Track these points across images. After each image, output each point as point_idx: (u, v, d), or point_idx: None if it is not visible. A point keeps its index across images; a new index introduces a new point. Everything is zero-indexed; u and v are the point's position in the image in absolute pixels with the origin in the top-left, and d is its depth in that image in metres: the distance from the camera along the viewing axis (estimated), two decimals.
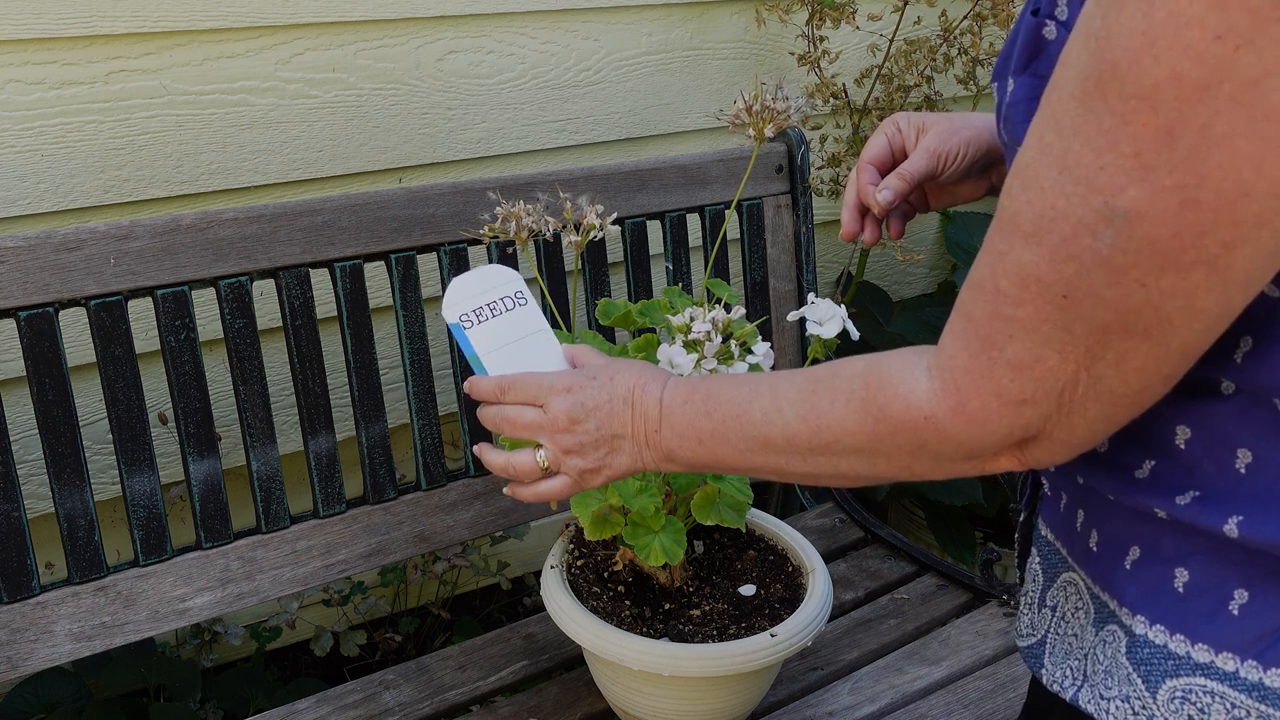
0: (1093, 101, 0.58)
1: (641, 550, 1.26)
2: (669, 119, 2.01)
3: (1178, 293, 0.59)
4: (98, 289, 1.28)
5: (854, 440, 0.77)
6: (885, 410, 0.74)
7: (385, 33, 1.70)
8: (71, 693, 1.68)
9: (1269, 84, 0.53)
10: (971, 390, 0.68)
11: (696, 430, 0.88)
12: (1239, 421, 0.67)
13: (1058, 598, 0.82)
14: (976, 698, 1.43)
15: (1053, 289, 0.62)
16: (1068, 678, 0.79)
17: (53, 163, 1.52)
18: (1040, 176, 0.62)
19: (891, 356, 0.76)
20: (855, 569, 1.71)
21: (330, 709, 1.41)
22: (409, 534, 1.51)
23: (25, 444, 1.52)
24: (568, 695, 1.43)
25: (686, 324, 1.18)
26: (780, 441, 0.82)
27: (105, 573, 1.32)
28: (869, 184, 1.02)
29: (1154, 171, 0.57)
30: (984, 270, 0.67)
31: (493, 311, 1.04)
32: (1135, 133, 0.57)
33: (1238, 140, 0.55)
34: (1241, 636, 0.68)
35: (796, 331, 1.82)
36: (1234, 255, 0.58)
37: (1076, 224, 0.60)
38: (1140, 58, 0.55)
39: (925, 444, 0.72)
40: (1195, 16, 0.54)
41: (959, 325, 0.69)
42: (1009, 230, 0.64)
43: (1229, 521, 0.67)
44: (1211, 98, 0.54)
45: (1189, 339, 0.62)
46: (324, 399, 1.43)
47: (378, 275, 1.54)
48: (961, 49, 2.05)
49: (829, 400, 0.78)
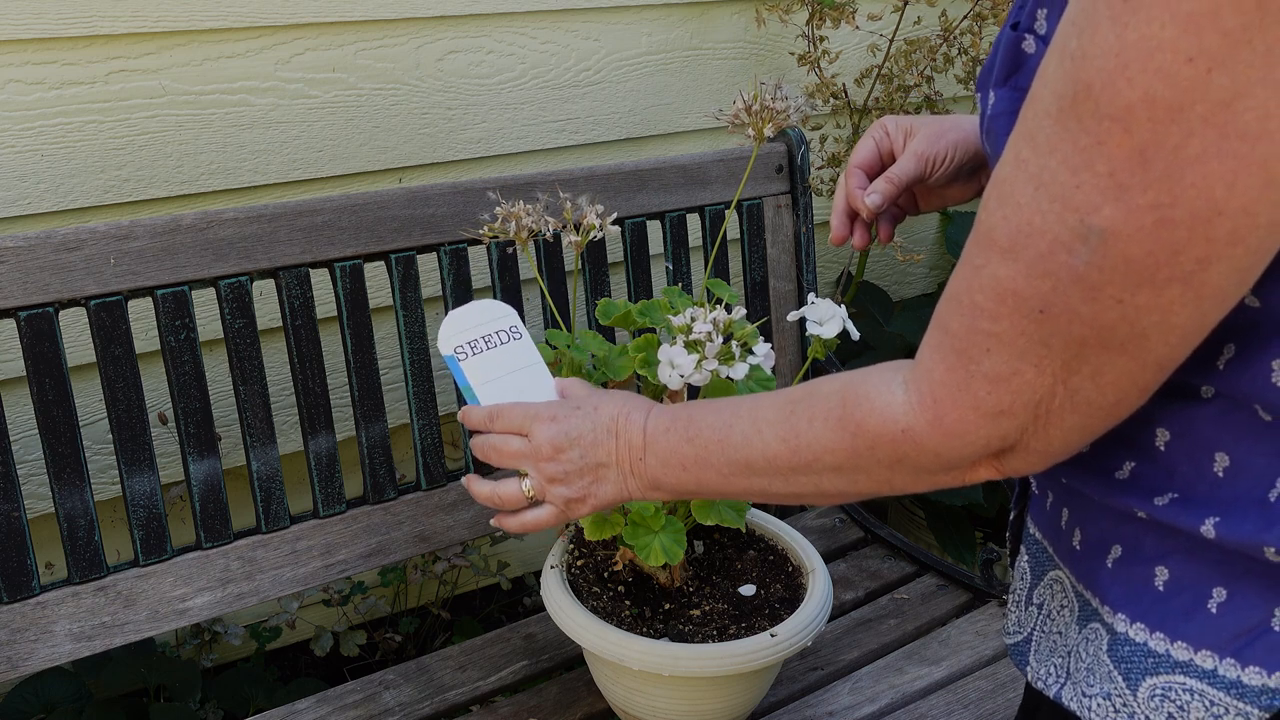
0: (1068, 120, 0.59)
1: (641, 550, 1.26)
2: (669, 119, 2.01)
3: (1154, 309, 0.60)
4: (98, 289, 1.28)
5: (833, 458, 0.77)
6: (863, 425, 0.74)
7: (385, 33, 1.70)
8: (71, 693, 1.68)
9: (1240, 105, 0.54)
10: (949, 403, 0.69)
11: (680, 457, 0.89)
12: (1217, 426, 0.68)
13: (1044, 595, 0.83)
14: (976, 698, 1.43)
15: (1029, 304, 0.63)
16: (1051, 675, 0.79)
17: (53, 163, 1.52)
18: (1017, 192, 0.62)
19: (868, 373, 0.76)
20: (855, 569, 1.71)
21: (330, 709, 1.41)
22: (409, 534, 1.51)
23: (25, 444, 1.52)
24: (568, 695, 1.43)
25: (687, 324, 1.18)
26: (761, 463, 0.82)
27: (105, 573, 1.32)
28: (857, 188, 1.03)
29: (1128, 191, 0.57)
30: (961, 284, 0.67)
31: (487, 344, 1.06)
32: (1110, 152, 0.57)
33: (1210, 160, 0.55)
34: (1220, 635, 0.69)
35: (796, 331, 1.82)
36: (1209, 272, 0.58)
37: (1052, 241, 0.61)
38: (1114, 79, 0.56)
39: (904, 457, 0.73)
40: (1167, 39, 0.54)
41: (936, 338, 0.70)
42: (986, 244, 0.65)
43: (1206, 523, 0.68)
44: (1184, 119, 0.55)
45: (1165, 353, 0.63)
46: (324, 399, 1.43)
47: (378, 275, 1.54)
48: (961, 49, 2.05)
49: (807, 420, 0.79)
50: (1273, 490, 0.66)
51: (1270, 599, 0.67)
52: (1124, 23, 0.55)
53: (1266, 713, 0.67)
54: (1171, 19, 0.54)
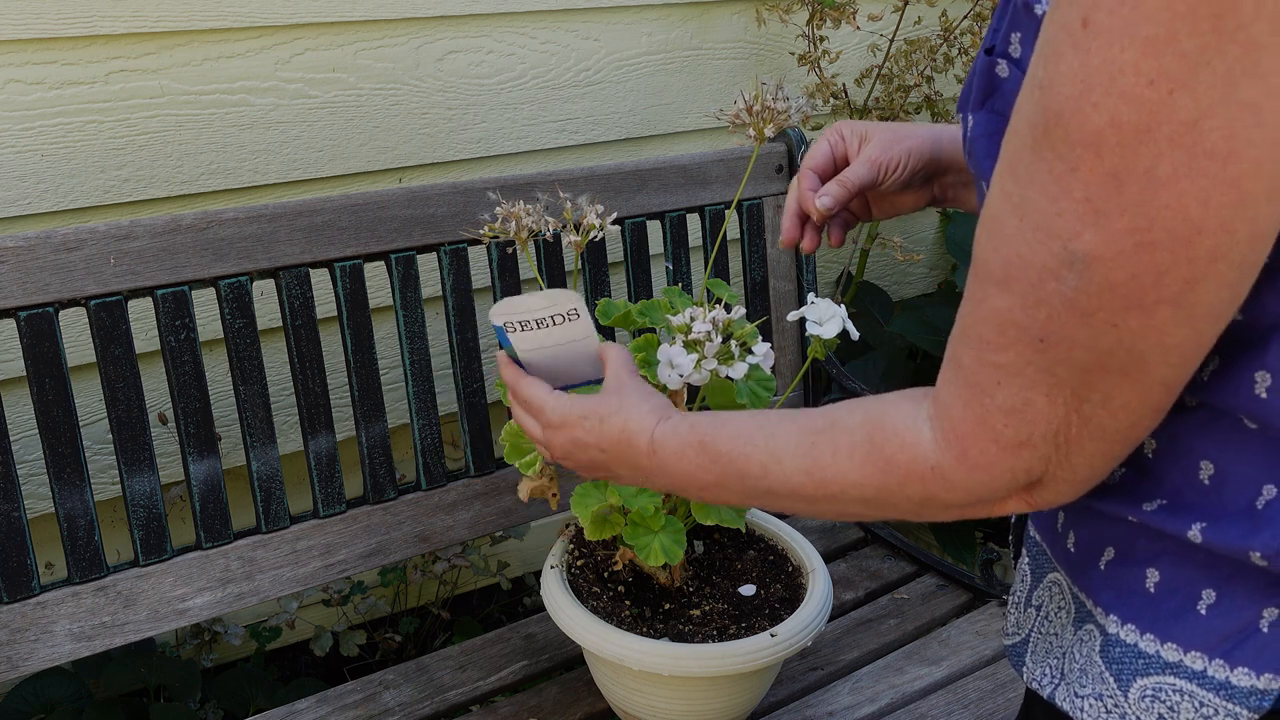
0: (1042, 150, 0.59)
1: (641, 550, 1.26)
2: (669, 119, 2.01)
3: (1147, 331, 0.60)
4: (98, 289, 1.28)
5: (860, 492, 0.77)
6: (893, 462, 0.74)
7: (385, 33, 1.70)
8: (71, 693, 1.68)
9: (1206, 124, 0.54)
10: (970, 438, 0.69)
11: (697, 482, 0.89)
12: (1200, 434, 0.68)
13: (1043, 597, 0.84)
14: (976, 698, 1.43)
15: (1029, 333, 0.63)
16: (1046, 676, 0.80)
17: (53, 163, 1.52)
18: (1004, 224, 0.63)
19: (889, 405, 0.76)
20: (855, 569, 1.71)
21: (330, 709, 1.41)
22: (409, 534, 1.51)
23: (25, 444, 1.52)
24: (568, 695, 1.43)
25: (687, 324, 1.18)
26: (784, 492, 0.82)
27: (105, 573, 1.32)
28: (809, 189, 1.03)
29: (1106, 215, 0.58)
30: (966, 318, 0.68)
31: (539, 324, 1.04)
32: (1084, 179, 0.58)
33: (1182, 180, 0.55)
34: (1209, 636, 0.69)
35: (796, 331, 1.82)
36: (1196, 291, 0.59)
37: (1041, 269, 0.61)
38: (1080, 105, 0.57)
39: (933, 495, 0.73)
40: (1128, 63, 0.54)
41: (950, 373, 0.70)
42: (982, 277, 0.65)
43: (1193, 528, 0.68)
44: (1152, 140, 0.55)
45: (1167, 373, 0.63)
46: (324, 399, 1.43)
47: (378, 275, 1.54)
48: (961, 49, 2.05)
49: (831, 453, 0.78)
50: (1259, 498, 0.66)
51: (1259, 601, 0.67)
52: (1085, 48, 0.56)
53: (1255, 713, 0.68)
54: (1131, 42, 0.54)
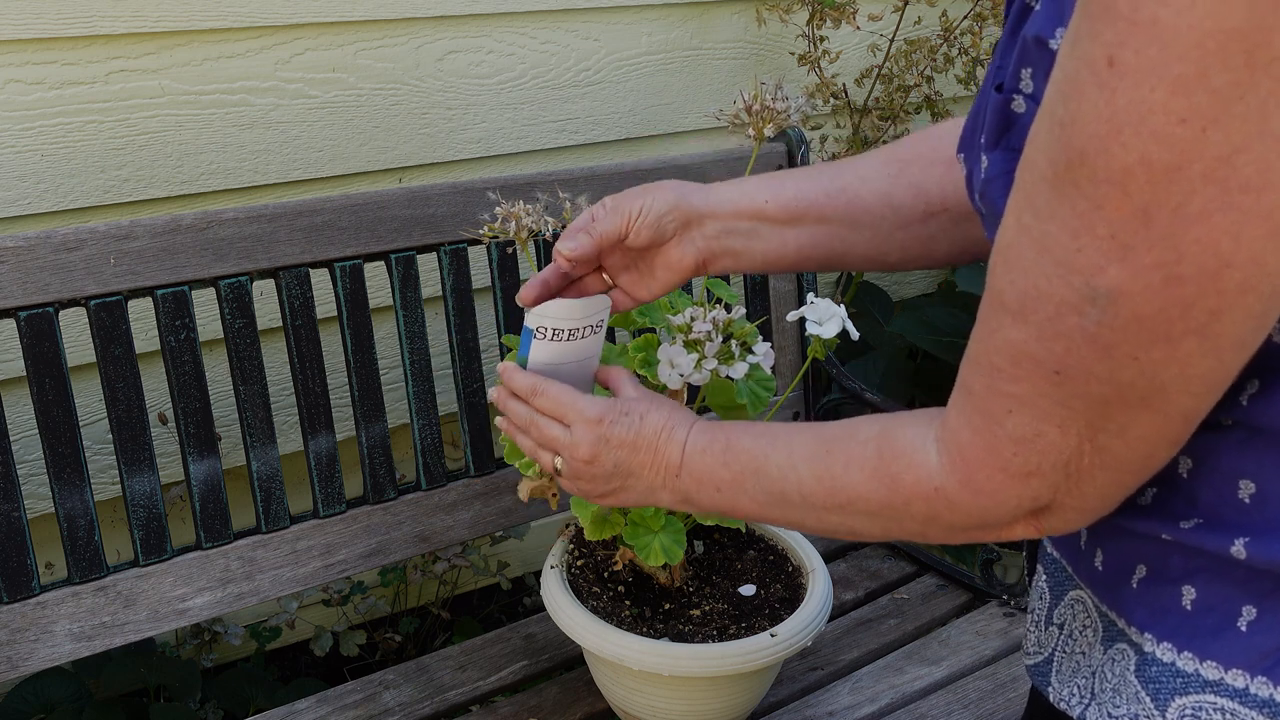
0: (1064, 187, 0.58)
1: (641, 550, 1.26)
2: (669, 119, 2.01)
3: (1171, 362, 0.60)
4: (98, 289, 1.28)
5: (867, 505, 0.78)
6: (898, 480, 0.75)
7: (385, 33, 1.70)
8: (71, 693, 1.67)
9: (1239, 160, 0.53)
10: (977, 464, 0.69)
11: (715, 479, 0.90)
12: (1239, 454, 0.67)
13: (1065, 615, 0.82)
14: (976, 698, 1.43)
15: (1045, 365, 0.63)
16: (1075, 695, 0.78)
17: (53, 163, 1.52)
18: (1021, 257, 0.62)
19: (902, 423, 0.76)
20: (855, 569, 1.71)
21: (330, 709, 1.41)
22: (409, 534, 1.51)
23: (25, 444, 1.52)
24: (568, 695, 1.43)
25: (687, 324, 1.18)
26: (796, 497, 0.83)
27: (105, 573, 1.32)
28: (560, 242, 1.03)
29: (1133, 251, 0.57)
30: (979, 345, 0.67)
31: (570, 337, 1.04)
32: (1109, 216, 0.57)
33: (1214, 215, 0.55)
34: (1250, 653, 0.68)
35: (796, 331, 1.82)
36: (1222, 322, 0.58)
37: (1060, 304, 0.61)
38: (1108, 144, 0.56)
39: (937, 515, 0.73)
40: (1158, 103, 0.53)
41: (960, 399, 0.70)
42: (997, 308, 0.65)
43: (1236, 543, 0.67)
44: (1184, 178, 0.54)
45: (1188, 404, 0.62)
46: (324, 399, 1.43)
47: (378, 275, 1.54)
48: (962, 49, 2.05)
49: (843, 463, 0.79)
50: None
51: None
52: (1112, 88, 0.55)
53: None
54: (1160, 82, 0.53)
